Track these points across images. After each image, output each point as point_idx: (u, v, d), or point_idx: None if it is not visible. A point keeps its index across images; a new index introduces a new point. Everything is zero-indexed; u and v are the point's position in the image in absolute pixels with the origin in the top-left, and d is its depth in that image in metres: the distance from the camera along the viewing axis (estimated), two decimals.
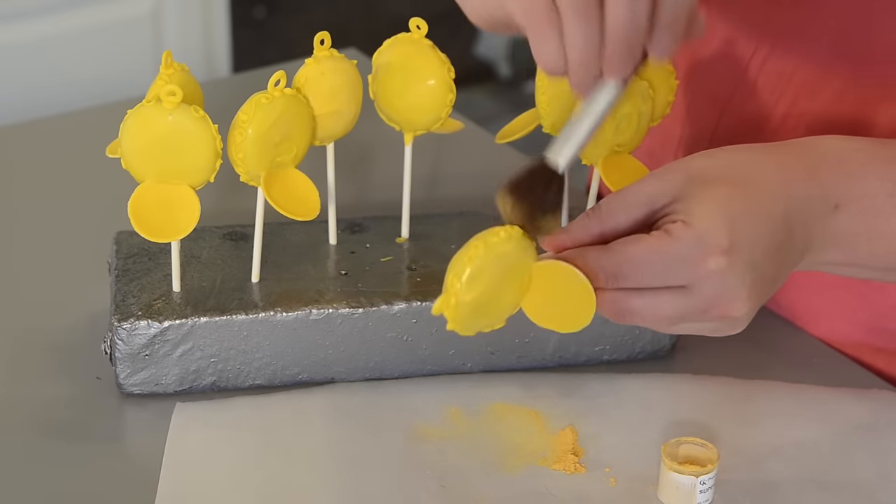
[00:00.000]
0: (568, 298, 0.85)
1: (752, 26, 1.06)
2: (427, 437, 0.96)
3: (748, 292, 0.83)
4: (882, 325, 1.06)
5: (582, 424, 0.97)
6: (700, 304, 0.83)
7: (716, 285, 0.83)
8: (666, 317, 0.84)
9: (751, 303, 0.84)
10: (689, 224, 0.82)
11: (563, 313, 0.86)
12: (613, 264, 0.83)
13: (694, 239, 0.82)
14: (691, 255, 0.82)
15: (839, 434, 0.98)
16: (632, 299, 0.84)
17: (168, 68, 0.97)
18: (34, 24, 2.06)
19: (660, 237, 0.83)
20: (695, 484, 0.90)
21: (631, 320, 0.85)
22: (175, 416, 0.96)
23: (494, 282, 0.83)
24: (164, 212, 0.95)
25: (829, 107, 1.02)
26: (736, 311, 0.84)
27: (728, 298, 0.83)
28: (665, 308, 0.83)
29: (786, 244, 0.85)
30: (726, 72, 1.08)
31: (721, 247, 0.82)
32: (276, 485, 0.92)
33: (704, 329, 0.86)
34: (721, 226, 0.82)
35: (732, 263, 0.82)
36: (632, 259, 0.82)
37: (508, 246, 0.83)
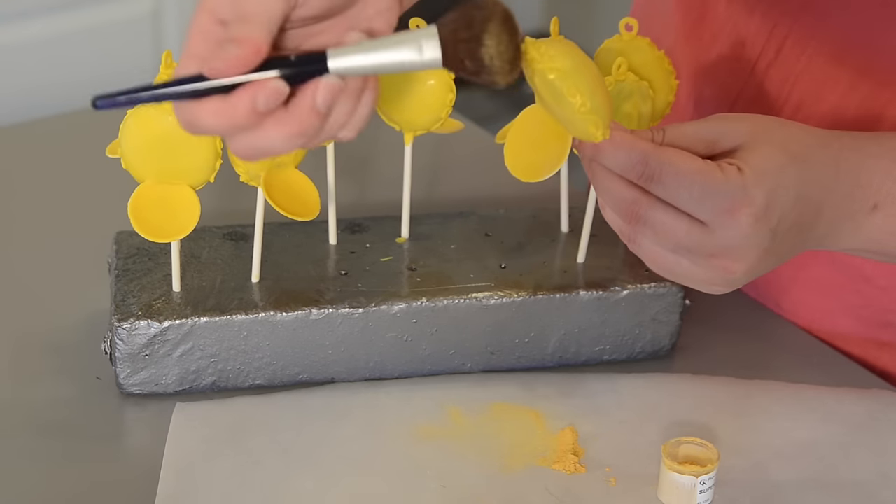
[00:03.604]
0: (545, 146, 0.86)
1: (757, 30, 1.06)
2: (427, 437, 0.96)
3: (757, 257, 0.84)
4: (886, 320, 1.06)
5: (582, 424, 0.97)
6: (710, 246, 0.83)
7: (735, 236, 0.83)
8: (674, 240, 0.84)
9: (754, 268, 0.85)
10: (741, 171, 0.83)
11: (534, 161, 0.88)
12: (658, 164, 0.82)
13: (739, 185, 0.82)
14: (729, 198, 0.82)
15: (840, 434, 0.98)
16: (654, 207, 0.83)
17: (168, 68, 0.97)
18: (34, 24, 2.06)
19: (712, 167, 0.83)
20: (695, 484, 0.90)
21: (636, 230, 0.84)
22: (175, 416, 0.96)
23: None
24: (164, 212, 0.95)
25: (834, 110, 1.02)
26: (738, 268, 0.84)
27: (738, 253, 0.84)
28: (679, 232, 0.83)
29: (808, 227, 0.86)
30: (731, 75, 1.08)
31: (757, 205, 0.82)
32: (275, 485, 0.92)
33: (698, 275, 0.85)
34: (766, 188, 0.83)
35: (759, 224, 0.83)
36: (679, 169, 0.82)
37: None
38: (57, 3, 2.07)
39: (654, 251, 0.85)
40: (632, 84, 0.99)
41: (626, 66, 0.99)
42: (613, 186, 0.84)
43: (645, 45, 1.02)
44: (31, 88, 2.01)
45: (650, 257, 0.86)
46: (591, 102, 0.83)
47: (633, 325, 1.04)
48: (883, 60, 0.99)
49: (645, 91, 1.00)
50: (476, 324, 1.01)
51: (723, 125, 0.86)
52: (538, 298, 1.01)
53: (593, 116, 0.83)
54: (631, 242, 0.86)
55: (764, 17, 1.05)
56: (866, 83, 1.00)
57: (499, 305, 1.01)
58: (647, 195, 0.83)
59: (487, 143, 1.26)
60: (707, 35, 1.10)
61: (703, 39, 1.10)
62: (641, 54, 1.02)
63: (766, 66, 1.05)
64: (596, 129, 0.83)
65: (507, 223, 1.09)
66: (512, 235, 1.07)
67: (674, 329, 1.05)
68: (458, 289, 1.01)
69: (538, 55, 0.82)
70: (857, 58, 1.01)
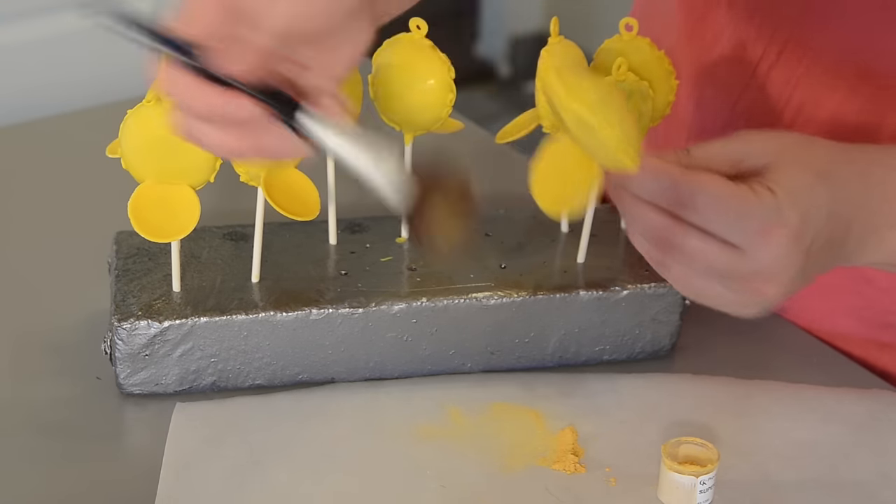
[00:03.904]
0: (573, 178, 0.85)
1: (758, 34, 1.06)
2: (427, 437, 0.96)
3: (791, 278, 0.83)
4: (887, 321, 1.06)
5: (582, 424, 0.97)
6: (744, 270, 0.82)
7: (769, 258, 0.82)
8: (708, 266, 0.83)
9: (787, 289, 0.84)
10: (774, 193, 0.82)
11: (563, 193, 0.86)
12: (690, 189, 0.81)
13: (773, 207, 0.82)
14: (764, 220, 0.81)
15: (840, 434, 0.98)
16: (687, 233, 0.82)
17: None
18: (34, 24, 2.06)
19: (745, 190, 0.82)
20: (695, 484, 0.90)
21: (669, 256, 0.83)
22: (175, 416, 0.96)
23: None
24: (164, 212, 0.95)
25: (836, 114, 1.02)
26: (772, 290, 0.83)
27: (773, 275, 0.83)
28: (712, 256, 0.82)
29: (838, 245, 0.86)
30: (732, 78, 1.08)
31: (793, 225, 0.82)
32: (276, 485, 0.92)
33: (730, 299, 0.84)
34: (800, 207, 0.82)
35: (794, 246, 0.82)
36: (711, 194, 0.81)
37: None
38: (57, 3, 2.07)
39: (685, 276, 0.84)
40: (632, 84, 0.99)
41: (626, 66, 0.99)
42: (643, 213, 0.83)
43: (645, 45, 1.02)
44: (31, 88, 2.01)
45: (681, 282, 0.85)
46: (623, 133, 0.82)
47: (633, 325, 1.04)
48: (883, 65, 0.99)
49: (645, 91, 1.00)
50: (476, 324, 1.01)
51: (748, 144, 0.85)
52: (538, 298, 1.01)
53: (627, 147, 0.82)
54: (660, 267, 0.85)
55: (765, 20, 1.05)
56: (867, 87, 1.00)
57: (499, 305, 1.01)
58: (679, 221, 0.82)
59: (487, 143, 1.26)
60: (708, 36, 1.10)
61: (704, 40, 1.10)
62: (641, 54, 1.02)
63: (767, 68, 1.05)
64: (630, 159, 0.82)
65: (507, 223, 1.09)
66: (512, 235, 1.07)
67: (674, 329, 1.05)
68: (458, 289, 1.01)
69: (566, 92, 0.81)
70: (857, 62, 1.00)
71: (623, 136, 0.81)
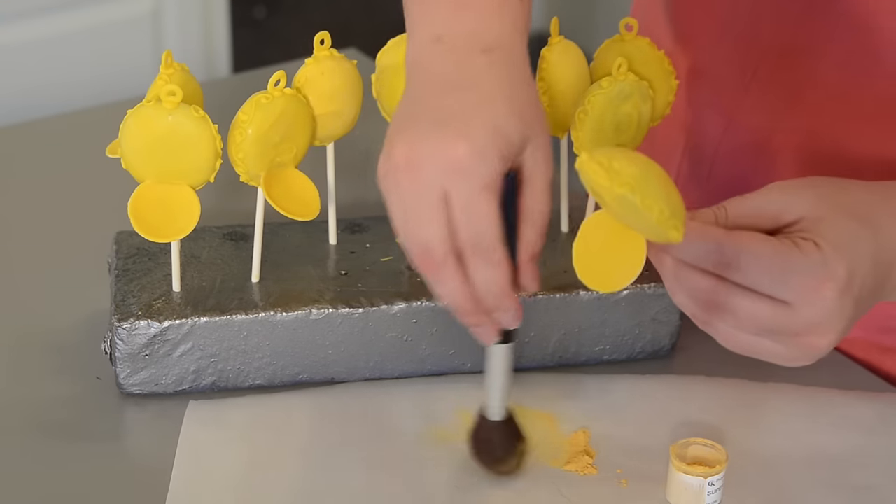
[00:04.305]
0: (617, 252, 0.83)
1: (758, 40, 1.05)
2: (441, 439, 0.96)
3: (844, 327, 0.83)
4: (888, 326, 1.06)
5: (594, 426, 0.97)
6: (796, 326, 0.82)
7: (820, 313, 0.81)
8: (757, 325, 0.82)
9: (839, 337, 0.83)
10: (819, 246, 0.81)
11: (609, 269, 0.85)
12: (734, 250, 0.81)
13: (820, 261, 0.81)
14: (812, 275, 0.81)
15: (850, 437, 0.97)
16: (734, 294, 0.81)
17: (168, 68, 0.97)
18: (34, 24, 2.06)
19: (789, 246, 0.81)
20: (703, 485, 0.90)
21: (717, 317, 0.83)
22: (188, 415, 0.96)
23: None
24: (164, 212, 0.95)
25: (838, 119, 1.02)
26: (824, 343, 0.83)
27: (825, 329, 0.82)
28: (762, 315, 0.81)
29: (881, 288, 0.85)
30: (732, 84, 1.07)
31: (841, 278, 0.81)
32: (288, 485, 0.91)
33: (780, 353, 0.84)
34: (847, 259, 0.82)
35: (844, 297, 0.82)
36: (756, 254, 0.81)
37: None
38: (57, 3, 2.07)
39: (733, 335, 0.83)
40: (632, 84, 0.99)
41: (626, 66, 0.99)
42: (688, 276, 0.82)
43: (645, 45, 1.02)
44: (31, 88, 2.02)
45: (729, 340, 0.84)
46: (668, 207, 0.80)
47: (633, 325, 1.04)
48: (888, 67, 0.99)
49: (645, 91, 1.00)
50: None
51: (784, 196, 0.84)
52: (538, 298, 1.01)
53: (672, 220, 0.80)
54: (707, 327, 0.84)
55: (767, 22, 1.05)
56: (873, 89, 1.00)
57: None
58: (725, 282, 0.82)
59: None
60: (708, 39, 1.09)
61: (704, 43, 1.10)
62: (641, 54, 1.02)
63: (769, 72, 1.05)
64: (675, 231, 0.80)
65: None
66: None
67: (674, 329, 1.05)
68: None
69: (607, 176, 0.79)
70: (861, 64, 1.00)
71: (668, 210, 0.80)
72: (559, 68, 1.02)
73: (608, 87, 0.99)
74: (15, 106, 1.91)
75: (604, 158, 0.80)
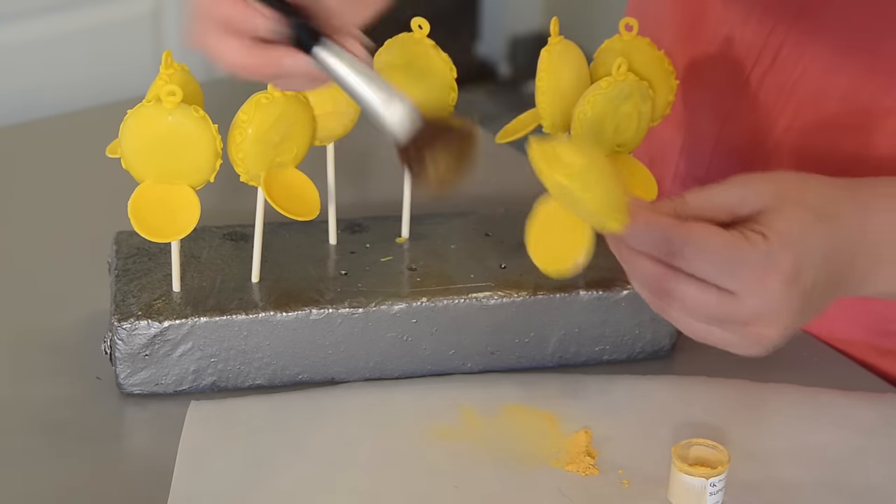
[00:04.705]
0: (565, 236, 0.86)
1: (753, 35, 1.05)
2: (441, 438, 0.96)
3: (791, 320, 0.84)
4: (886, 329, 1.06)
5: (596, 426, 0.97)
6: (742, 316, 0.83)
7: (765, 304, 0.83)
8: (706, 314, 0.83)
9: (788, 329, 0.84)
10: (766, 238, 0.82)
11: (557, 251, 0.88)
12: (682, 240, 0.82)
13: (766, 253, 0.82)
14: (757, 267, 0.82)
15: (852, 438, 0.97)
16: (682, 282, 0.83)
17: (168, 68, 0.97)
18: (34, 24, 2.06)
19: (737, 237, 0.82)
20: (705, 486, 0.90)
21: (666, 303, 0.84)
22: (190, 414, 0.96)
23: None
24: (164, 212, 0.95)
25: (833, 119, 1.02)
26: (772, 334, 0.84)
27: (770, 320, 0.83)
28: (709, 305, 0.83)
29: (837, 283, 0.86)
30: (728, 83, 1.08)
31: (785, 271, 0.82)
32: (289, 484, 0.91)
33: (731, 341, 0.85)
34: (793, 252, 0.83)
35: (789, 290, 0.83)
36: (703, 244, 0.82)
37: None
38: (57, 3, 2.07)
39: (685, 321, 0.85)
40: (632, 84, 0.99)
41: (626, 66, 0.99)
42: (640, 264, 0.84)
43: (645, 45, 1.02)
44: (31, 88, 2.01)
45: (682, 326, 0.86)
46: (605, 198, 0.83)
47: (633, 325, 1.04)
48: (882, 68, 0.99)
49: (645, 91, 1.00)
50: (476, 324, 1.01)
51: (744, 188, 0.85)
52: (538, 298, 1.01)
53: (610, 211, 0.83)
54: (662, 313, 0.86)
55: (760, 22, 1.05)
56: (865, 91, 1.00)
57: (499, 305, 1.01)
58: (674, 270, 0.83)
59: (487, 143, 1.26)
60: (703, 40, 1.10)
61: (699, 43, 1.10)
62: (641, 54, 1.02)
63: (763, 73, 1.05)
64: (614, 221, 0.83)
65: (507, 223, 1.09)
66: (512, 235, 1.07)
67: (674, 329, 1.05)
68: (458, 289, 1.01)
69: (545, 162, 0.82)
70: (855, 65, 1.00)
71: (605, 200, 0.83)
72: (559, 68, 1.02)
73: (608, 87, 0.99)
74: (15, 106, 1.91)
75: (549, 147, 0.83)
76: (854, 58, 1.00)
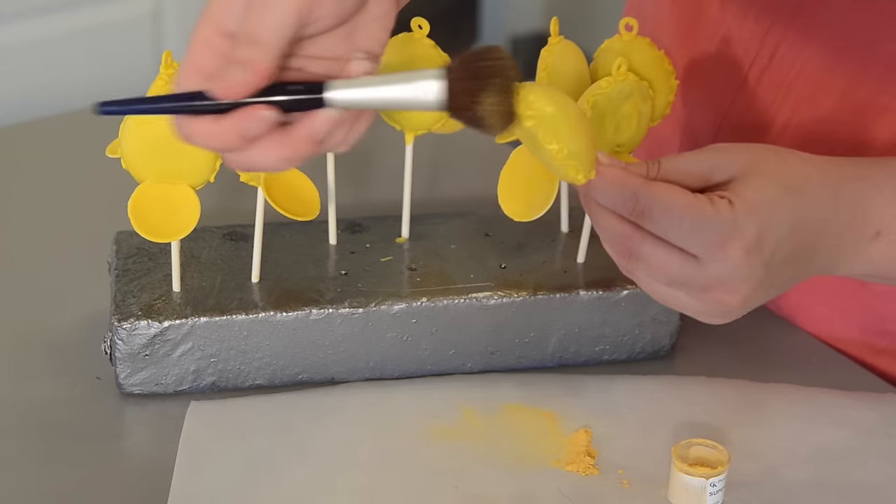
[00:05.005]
0: (535, 185, 0.89)
1: (750, 35, 1.05)
2: (441, 438, 0.96)
3: (752, 289, 0.84)
4: (883, 328, 1.06)
5: (596, 426, 0.97)
6: (703, 280, 0.84)
7: (726, 270, 0.83)
8: (667, 275, 0.84)
9: (749, 300, 0.85)
10: (732, 204, 0.83)
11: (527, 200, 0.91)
12: (648, 200, 0.83)
13: (730, 219, 0.82)
14: (720, 232, 0.82)
15: (852, 438, 0.97)
16: (647, 242, 0.84)
17: (168, 68, 0.97)
18: (34, 24, 2.06)
19: (702, 201, 0.83)
20: (705, 486, 0.90)
21: (632, 264, 0.85)
22: (189, 414, 0.96)
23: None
24: (164, 212, 0.95)
25: (830, 116, 1.02)
26: (732, 301, 0.84)
27: (731, 287, 0.84)
28: (671, 266, 0.83)
29: (805, 259, 0.86)
30: (725, 81, 1.08)
31: (748, 239, 0.83)
32: (289, 484, 0.91)
33: (693, 307, 0.86)
34: (758, 221, 0.83)
35: (750, 258, 0.83)
36: (668, 205, 0.83)
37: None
38: (57, 3, 2.07)
39: (649, 283, 0.86)
40: (632, 84, 0.99)
41: (626, 66, 0.99)
42: (607, 222, 0.85)
43: (645, 45, 1.02)
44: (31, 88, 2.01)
45: (647, 288, 0.87)
46: (569, 148, 0.84)
47: (633, 325, 1.04)
48: (878, 66, 0.99)
49: (645, 91, 1.00)
50: (476, 324, 1.01)
51: (718, 156, 0.86)
52: (538, 298, 1.01)
53: (572, 161, 0.84)
54: (628, 273, 0.87)
55: (757, 21, 1.05)
56: (862, 89, 1.00)
57: (499, 305, 1.01)
58: (640, 230, 0.84)
59: (487, 143, 1.26)
60: (701, 39, 1.10)
61: (697, 43, 1.10)
62: (641, 54, 1.02)
63: (760, 71, 1.05)
64: (576, 173, 0.84)
65: (507, 223, 1.08)
66: (512, 235, 1.07)
67: (674, 329, 1.05)
68: (458, 289, 1.01)
69: (519, 106, 0.83)
70: (852, 63, 1.00)
71: (568, 152, 0.84)
72: (559, 68, 1.02)
73: (608, 87, 0.99)
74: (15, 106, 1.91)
75: (524, 91, 0.83)
76: (850, 56, 1.00)
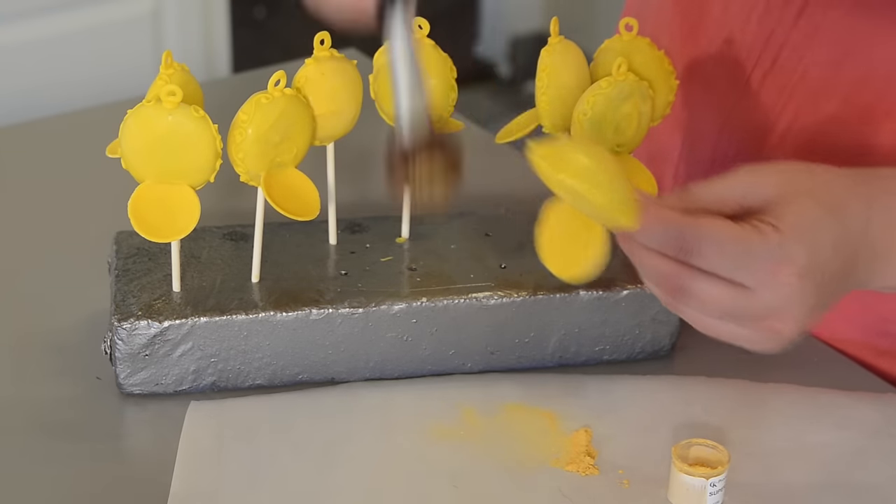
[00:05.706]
0: (579, 239, 0.86)
1: (753, 38, 1.05)
2: (441, 437, 0.96)
3: (806, 314, 0.84)
4: (884, 329, 1.06)
5: (596, 426, 0.97)
6: (757, 310, 0.83)
7: (779, 297, 0.82)
8: (720, 309, 0.83)
9: (804, 323, 0.84)
10: (778, 230, 0.82)
11: (572, 255, 0.87)
12: (695, 237, 0.82)
13: (778, 245, 0.82)
14: (770, 260, 0.82)
15: (853, 438, 0.97)
16: (696, 278, 0.82)
17: (168, 68, 0.97)
18: (34, 24, 2.06)
19: (749, 231, 0.82)
20: (705, 486, 0.90)
21: (680, 301, 0.84)
22: (189, 414, 0.96)
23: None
24: (164, 212, 0.95)
25: (832, 120, 1.02)
26: (787, 328, 0.84)
27: (786, 314, 0.83)
28: (723, 299, 0.83)
29: (847, 275, 0.86)
30: (727, 85, 1.08)
31: (799, 264, 0.82)
32: (289, 484, 0.92)
33: (746, 337, 0.85)
34: (806, 245, 0.82)
35: (803, 283, 0.82)
36: (716, 239, 0.82)
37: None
38: (57, 3, 2.07)
39: (699, 319, 0.85)
40: (632, 84, 0.99)
41: (626, 66, 0.99)
42: (652, 262, 0.84)
43: (645, 45, 1.02)
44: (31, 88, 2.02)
45: (697, 323, 0.85)
46: (615, 194, 0.82)
47: (633, 325, 1.04)
48: (881, 70, 0.99)
49: (645, 91, 1.00)
50: (476, 324, 1.01)
51: (750, 180, 0.85)
52: (538, 298, 1.01)
53: (620, 207, 0.82)
54: (675, 310, 0.86)
55: (760, 24, 1.05)
56: (865, 93, 1.00)
57: (499, 305, 1.01)
58: (687, 267, 0.83)
59: (487, 143, 1.26)
60: (703, 40, 1.10)
61: (699, 44, 1.10)
62: (641, 54, 1.02)
63: (763, 74, 1.05)
64: (625, 217, 0.83)
65: (507, 223, 1.09)
66: (512, 235, 1.07)
67: (674, 329, 1.05)
68: (458, 289, 1.01)
69: (549, 165, 0.82)
70: (855, 68, 1.00)
71: (614, 197, 0.82)
72: (559, 68, 1.02)
73: (608, 87, 0.99)
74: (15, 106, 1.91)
75: (552, 149, 0.83)
76: (853, 60, 1.00)
